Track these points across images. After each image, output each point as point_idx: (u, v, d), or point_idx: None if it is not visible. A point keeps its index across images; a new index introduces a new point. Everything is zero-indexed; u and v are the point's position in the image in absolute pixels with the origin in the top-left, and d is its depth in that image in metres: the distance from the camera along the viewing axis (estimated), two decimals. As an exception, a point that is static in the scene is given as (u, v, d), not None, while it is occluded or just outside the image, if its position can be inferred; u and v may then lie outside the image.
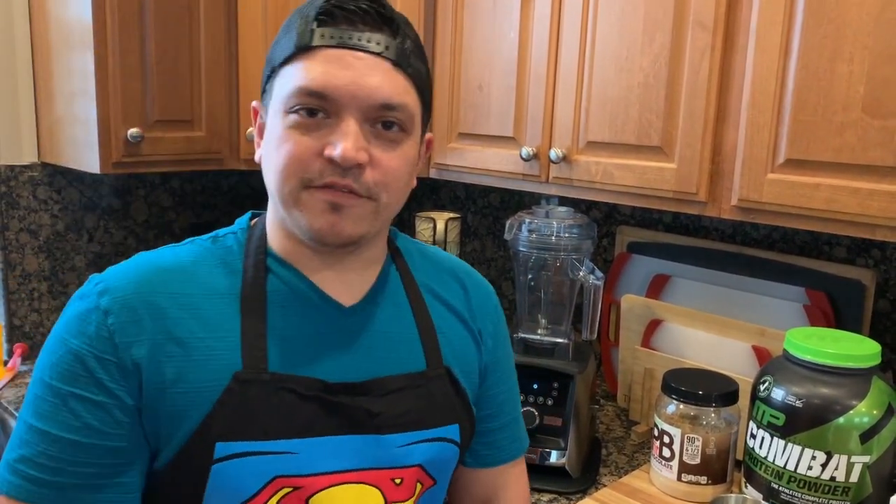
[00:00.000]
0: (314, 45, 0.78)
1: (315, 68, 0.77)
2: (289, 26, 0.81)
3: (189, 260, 0.84)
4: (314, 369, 0.81)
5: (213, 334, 0.79)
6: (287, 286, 0.84)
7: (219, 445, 0.76)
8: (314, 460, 0.80)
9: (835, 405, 1.04)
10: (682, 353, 1.46)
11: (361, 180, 0.78)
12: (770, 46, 1.07)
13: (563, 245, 1.37)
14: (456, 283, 0.97)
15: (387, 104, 0.78)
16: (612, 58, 1.26)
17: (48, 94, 1.69)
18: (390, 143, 0.80)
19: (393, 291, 0.91)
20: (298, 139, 0.78)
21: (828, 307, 1.33)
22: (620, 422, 1.56)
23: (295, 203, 0.79)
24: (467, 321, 0.95)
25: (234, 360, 0.79)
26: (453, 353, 0.92)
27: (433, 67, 1.58)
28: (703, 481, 1.20)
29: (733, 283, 1.46)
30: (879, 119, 0.97)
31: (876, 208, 0.98)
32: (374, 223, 0.82)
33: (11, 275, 1.76)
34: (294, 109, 0.78)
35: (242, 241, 0.86)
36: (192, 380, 0.77)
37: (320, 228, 0.79)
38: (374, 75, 0.78)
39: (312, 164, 0.77)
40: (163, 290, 0.80)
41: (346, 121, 0.77)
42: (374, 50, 0.78)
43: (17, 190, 1.73)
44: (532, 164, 1.40)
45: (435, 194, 2.13)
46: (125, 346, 0.76)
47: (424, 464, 0.86)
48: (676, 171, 1.19)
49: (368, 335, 0.86)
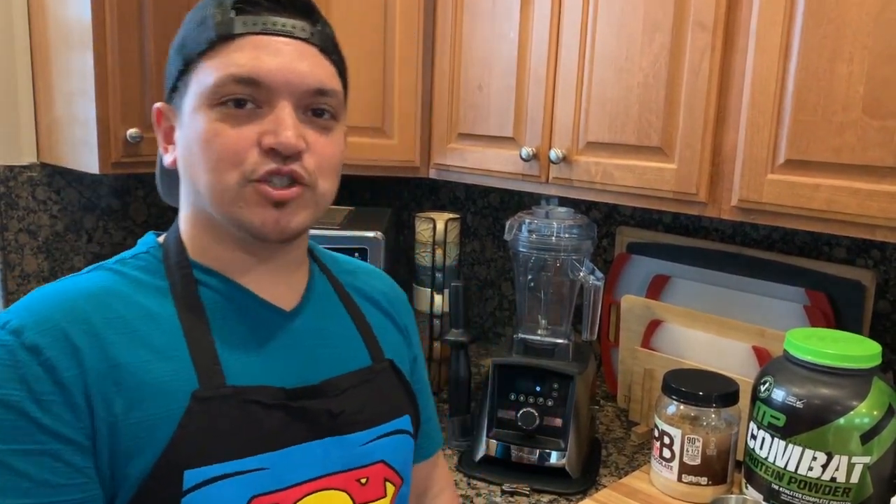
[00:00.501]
0: (237, 34, 0.74)
1: (242, 56, 0.73)
2: (200, 17, 0.77)
3: (107, 284, 0.77)
4: (270, 377, 0.78)
5: (160, 356, 0.73)
6: (222, 296, 0.80)
7: (188, 473, 0.70)
8: (286, 473, 0.76)
9: (835, 406, 1.04)
10: (681, 354, 1.46)
11: (303, 166, 0.75)
12: (770, 47, 1.07)
13: (562, 245, 1.36)
14: (373, 282, 0.98)
15: (320, 90, 0.76)
16: (611, 58, 1.26)
17: (47, 94, 1.69)
18: (323, 130, 0.78)
19: (324, 292, 0.90)
20: (230, 131, 0.73)
21: (828, 308, 1.33)
22: (620, 422, 1.56)
23: (234, 200, 0.75)
24: (393, 317, 0.96)
25: (190, 379, 0.73)
26: (389, 347, 0.92)
27: (433, 68, 1.58)
28: (703, 482, 1.20)
29: (733, 283, 1.46)
30: (879, 119, 0.97)
31: (876, 209, 0.98)
32: (315, 213, 0.79)
33: (10, 275, 1.75)
34: (221, 101, 0.74)
35: (158, 258, 0.81)
36: (147, 407, 0.70)
37: (263, 224, 0.75)
38: (304, 61, 0.75)
39: (250, 155, 0.73)
40: (94, 315, 0.72)
41: (281, 107, 0.74)
42: (300, 35, 0.76)
43: (16, 190, 1.73)
44: (532, 165, 1.40)
45: (434, 195, 2.13)
46: (69, 381, 0.68)
47: (387, 459, 0.85)
48: (676, 171, 1.19)
49: (313, 336, 0.84)
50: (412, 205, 2.20)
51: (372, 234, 1.55)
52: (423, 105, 1.60)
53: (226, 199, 0.75)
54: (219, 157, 0.74)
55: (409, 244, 2.18)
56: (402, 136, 1.60)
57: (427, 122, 1.61)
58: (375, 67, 1.56)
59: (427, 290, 1.67)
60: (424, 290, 1.67)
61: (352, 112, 1.58)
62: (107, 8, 1.47)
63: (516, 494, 1.26)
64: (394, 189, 2.25)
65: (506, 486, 1.27)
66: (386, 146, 1.60)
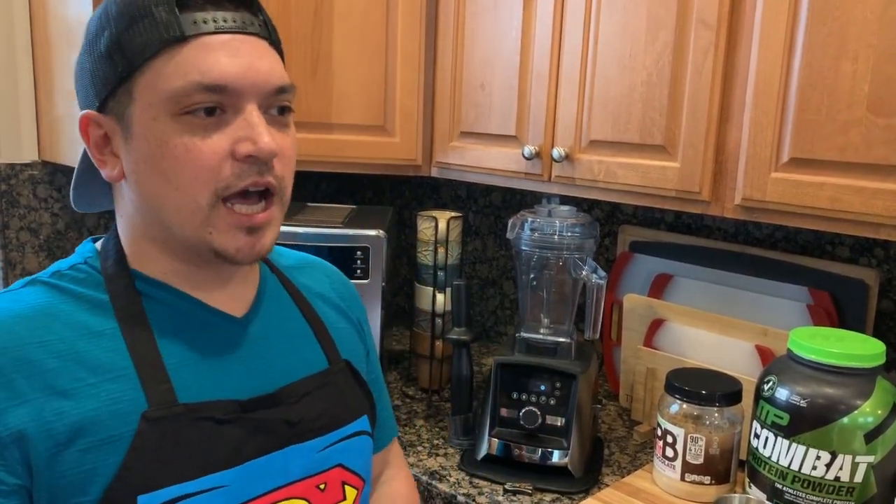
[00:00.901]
0: (189, 35, 0.68)
1: (204, 60, 0.68)
2: (138, 15, 0.69)
3: (43, 301, 0.72)
4: (223, 390, 0.75)
5: (105, 377, 0.69)
6: (168, 308, 0.76)
7: (141, 499, 0.66)
8: (246, 487, 0.73)
9: (839, 405, 1.04)
10: (684, 353, 1.46)
11: (276, 174, 0.72)
12: (774, 45, 1.06)
13: (565, 244, 1.36)
14: (323, 277, 0.96)
15: (282, 87, 0.73)
16: (614, 56, 1.26)
17: (48, 92, 1.69)
18: (284, 128, 0.75)
19: (276, 295, 0.87)
20: (201, 144, 0.68)
21: (831, 307, 1.32)
22: (622, 421, 1.56)
23: (204, 224, 0.70)
24: (345, 312, 0.94)
25: (138, 399, 0.69)
26: (345, 346, 0.90)
27: (435, 66, 1.58)
28: (706, 481, 1.20)
29: (736, 282, 1.45)
30: (884, 118, 0.97)
31: (880, 207, 0.98)
32: (281, 221, 0.77)
33: (12, 273, 1.75)
34: (187, 111, 0.68)
35: (97, 268, 0.76)
36: (93, 432, 0.67)
37: (238, 251, 0.72)
38: (262, 58, 0.71)
39: (224, 168, 0.69)
40: (29, 339, 0.68)
41: (249, 111, 0.70)
42: (250, 30, 0.71)
43: (18, 188, 1.73)
44: (534, 163, 1.39)
45: (436, 193, 2.13)
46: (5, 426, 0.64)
47: (344, 462, 0.83)
48: (679, 170, 1.19)
49: (267, 343, 0.81)
50: (414, 203, 2.19)
51: (374, 233, 1.54)
52: (426, 103, 1.59)
53: (196, 222, 0.71)
54: (192, 175, 0.69)
55: (410, 243, 2.18)
56: (404, 134, 1.59)
57: (429, 120, 1.60)
58: (377, 65, 1.56)
59: (429, 288, 1.67)
60: (426, 288, 1.67)
61: (353, 110, 1.58)
62: (108, 6, 1.47)
63: (518, 493, 1.25)
64: (396, 187, 2.25)
65: (508, 485, 1.27)
66: (388, 144, 1.60)
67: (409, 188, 2.20)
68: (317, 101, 1.56)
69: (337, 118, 1.57)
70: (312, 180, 2.26)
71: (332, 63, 1.55)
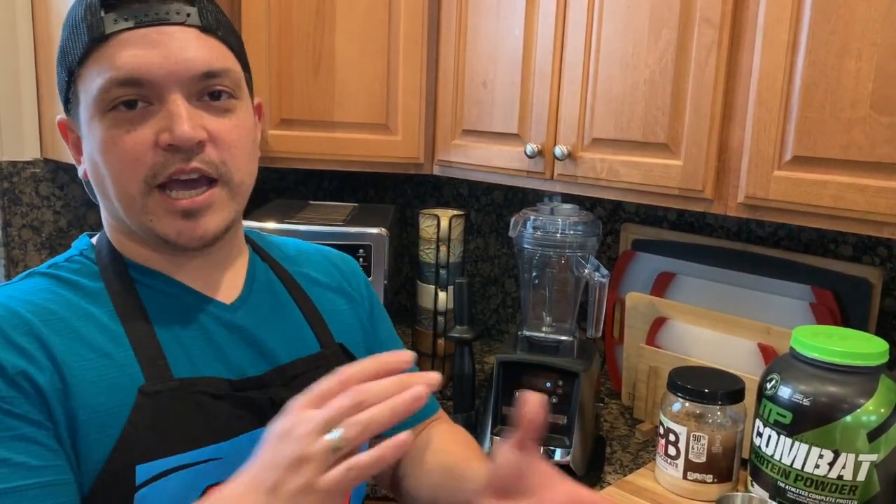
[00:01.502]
0: (109, 33, 0.71)
1: (119, 56, 0.70)
2: (74, 22, 0.74)
3: (42, 287, 0.75)
4: (215, 370, 0.78)
5: (103, 354, 0.73)
6: (161, 293, 0.79)
7: (139, 468, 0.70)
8: (239, 461, 0.74)
9: (842, 403, 1.03)
10: (687, 352, 1.45)
11: (207, 160, 0.73)
12: (777, 43, 1.06)
13: (567, 242, 1.36)
14: (325, 262, 0.98)
15: (208, 72, 0.73)
16: (617, 54, 1.25)
17: (50, 89, 1.69)
18: (224, 113, 0.75)
19: (267, 282, 0.89)
20: (126, 137, 0.71)
21: (834, 305, 1.32)
22: (625, 420, 1.56)
23: (142, 211, 0.73)
24: (347, 293, 0.96)
25: (135, 375, 0.73)
26: (341, 329, 0.91)
27: (437, 64, 1.57)
28: (708, 479, 1.20)
29: (739, 280, 1.45)
30: (888, 116, 0.96)
31: (884, 205, 0.98)
32: (234, 209, 0.78)
33: (14, 271, 1.75)
34: (111, 107, 0.71)
35: (92, 259, 0.80)
36: (94, 405, 0.70)
37: (179, 235, 0.74)
38: (185, 46, 0.72)
39: (148, 157, 0.71)
40: (35, 319, 0.71)
41: (172, 101, 0.71)
42: (176, 20, 0.72)
43: (20, 186, 1.73)
44: (537, 161, 1.39)
45: (438, 191, 2.13)
46: (19, 376, 0.68)
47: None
48: (682, 168, 1.19)
49: (258, 328, 0.83)
50: (416, 201, 2.19)
51: (376, 231, 1.54)
52: (428, 101, 1.59)
53: (134, 210, 0.74)
54: (120, 166, 0.72)
55: (413, 241, 2.18)
56: (406, 132, 1.59)
57: (431, 118, 1.60)
58: (379, 64, 1.56)
59: (431, 286, 1.67)
60: (428, 286, 1.67)
61: (355, 108, 1.57)
62: (110, 3, 1.47)
63: (521, 492, 1.25)
64: (398, 186, 2.25)
65: (510, 484, 1.27)
66: (390, 143, 1.60)
67: (412, 186, 2.20)
68: (319, 100, 1.56)
69: (339, 116, 1.57)
70: (315, 178, 2.26)
71: (334, 61, 1.55)
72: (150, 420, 0.71)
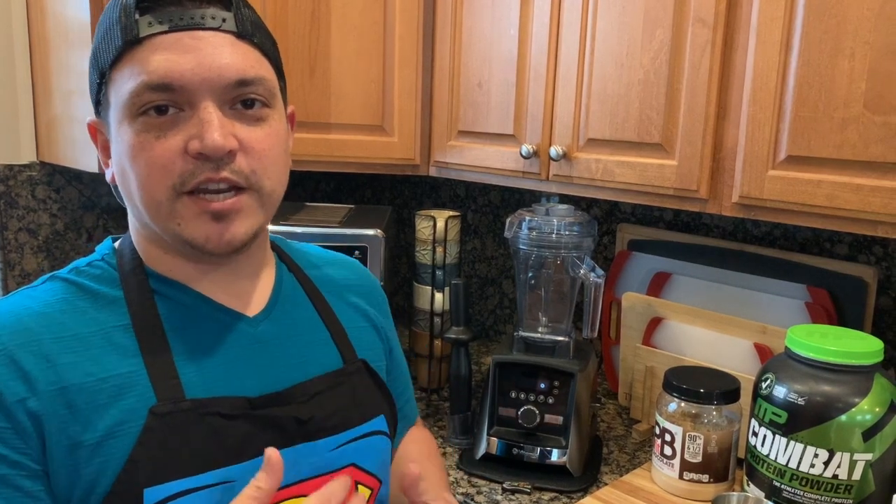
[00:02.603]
0: (143, 36, 0.69)
1: (152, 60, 0.69)
2: (108, 24, 0.73)
3: (59, 297, 0.74)
4: (234, 387, 0.76)
5: (115, 372, 0.71)
6: (179, 305, 0.77)
7: (147, 492, 0.68)
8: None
9: (837, 403, 1.03)
10: (683, 351, 1.45)
11: (236, 169, 0.71)
12: (771, 42, 1.06)
13: (563, 243, 1.36)
14: (346, 276, 0.96)
15: (242, 80, 0.71)
16: (612, 54, 1.25)
17: (46, 92, 1.69)
18: (256, 122, 0.74)
19: (292, 293, 0.87)
20: (154, 143, 0.70)
21: (829, 304, 1.32)
22: (621, 420, 1.56)
23: (169, 216, 0.72)
24: (366, 311, 0.94)
25: (147, 395, 0.71)
26: (362, 345, 0.90)
27: (433, 65, 1.57)
28: (704, 479, 1.20)
29: (734, 280, 1.45)
30: (881, 115, 0.97)
31: (878, 204, 0.98)
32: (263, 217, 0.76)
33: (10, 274, 1.75)
34: (141, 111, 0.70)
35: (113, 265, 0.78)
36: (103, 427, 0.68)
37: (207, 240, 0.72)
38: (219, 52, 0.70)
39: (177, 165, 0.70)
40: (45, 335, 0.70)
41: (203, 108, 0.70)
42: (211, 25, 0.71)
43: (16, 189, 1.73)
44: (532, 162, 1.39)
45: (436, 192, 2.13)
46: (15, 407, 0.66)
47: (358, 461, 0.83)
48: (677, 168, 1.19)
49: (280, 342, 0.81)
50: (413, 203, 2.19)
51: (372, 233, 1.54)
52: (423, 102, 1.59)
53: (161, 215, 0.72)
54: (148, 172, 0.70)
55: (409, 242, 2.18)
56: (402, 133, 1.59)
57: (427, 119, 1.60)
58: (375, 65, 1.56)
59: (427, 287, 1.67)
60: (425, 287, 1.67)
61: (351, 110, 1.57)
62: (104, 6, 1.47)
63: (517, 492, 1.25)
64: (395, 187, 2.25)
65: (507, 484, 1.27)
66: (386, 144, 1.60)
67: (409, 187, 2.20)
68: (315, 101, 1.56)
69: (335, 118, 1.57)
70: (311, 180, 2.26)
71: (329, 63, 1.55)
72: (160, 442, 0.69)
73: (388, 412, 0.89)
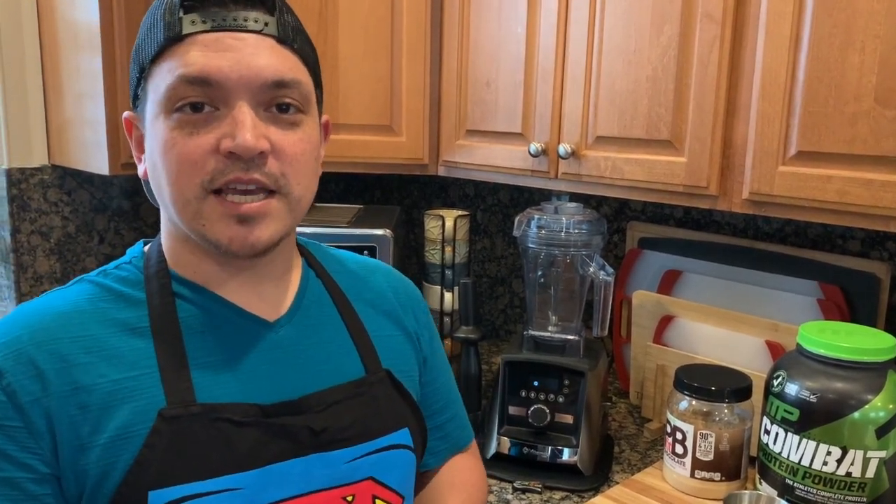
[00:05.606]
0: (186, 34, 0.70)
1: (191, 55, 0.69)
2: (152, 20, 0.73)
3: (84, 298, 0.75)
4: (247, 393, 0.75)
5: (129, 374, 0.71)
6: (199, 309, 0.77)
7: (152, 495, 0.67)
8: (262, 492, 0.73)
9: (850, 400, 1.03)
10: (694, 349, 1.45)
11: (267, 171, 0.71)
12: (780, 37, 1.05)
13: (572, 241, 1.36)
14: (381, 283, 0.94)
15: (279, 82, 0.72)
16: (620, 51, 1.25)
17: (57, 95, 1.70)
18: (290, 127, 0.74)
19: (317, 299, 0.85)
20: (187, 139, 0.70)
21: (842, 301, 1.31)
22: (633, 419, 1.55)
23: (196, 215, 0.72)
24: (399, 319, 0.92)
25: (157, 397, 0.71)
26: (390, 355, 0.87)
27: (440, 64, 1.57)
28: (716, 478, 1.19)
29: (745, 277, 1.44)
30: (892, 109, 0.96)
31: (890, 200, 0.97)
32: (289, 222, 0.76)
33: (23, 277, 1.76)
34: (177, 107, 0.70)
35: (140, 268, 0.79)
36: (112, 428, 0.69)
37: (231, 241, 0.72)
38: (259, 54, 0.71)
39: (208, 163, 0.70)
40: (63, 335, 0.71)
41: (238, 107, 0.70)
42: (253, 28, 0.71)
43: (28, 192, 1.74)
44: (541, 160, 1.39)
45: (444, 192, 2.13)
46: (30, 406, 0.67)
47: (377, 475, 0.81)
48: (686, 164, 1.18)
49: (300, 348, 0.80)
50: (422, 202, 2.19)
51: (381, 232, 1.54)
52: (431, 102, 1.59)
53: (188, 213, 0.72)
54: (178, 168, 0.71)
55: (418, 242, 2.18)
56: (411, 133, 1.59)
57: (435, 119, 1.60)
58: (383, 65, 1.56)
59: (437, 287, 1.67)
60: (434, 287, 1.67)
61: (359, 110, 1.58)
62: (114, 9, 1.47)
63: (528, 492, 1.25)
64: (404, 187, 2.25)
65: (517, 484, 1.27)
66: (394, 144, 1.60)
67: (418, 187, 2.20)
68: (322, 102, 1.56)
69: (343, 118, 1.57)
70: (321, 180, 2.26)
71: (337, 63, 1.56)
72: (168, 445, 0.69)
73: (415, 425, 0.86)
